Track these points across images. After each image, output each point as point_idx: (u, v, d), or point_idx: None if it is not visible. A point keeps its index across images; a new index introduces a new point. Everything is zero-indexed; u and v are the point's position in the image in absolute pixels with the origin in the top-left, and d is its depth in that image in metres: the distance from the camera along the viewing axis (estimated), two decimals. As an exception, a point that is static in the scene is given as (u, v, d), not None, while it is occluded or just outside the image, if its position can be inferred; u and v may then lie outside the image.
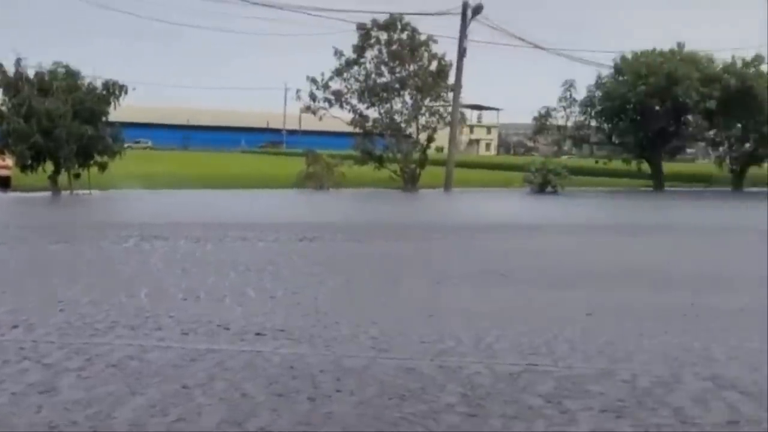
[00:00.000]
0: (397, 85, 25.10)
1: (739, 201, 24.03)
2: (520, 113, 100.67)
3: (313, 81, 25.03)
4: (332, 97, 25.17)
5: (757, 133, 27.36)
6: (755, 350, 4.29)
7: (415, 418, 3.08)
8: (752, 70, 27.05)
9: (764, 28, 51.56)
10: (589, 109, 29.16)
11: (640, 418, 3.12)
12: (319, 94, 25.08)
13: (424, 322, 4.95)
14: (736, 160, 29.68)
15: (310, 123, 42.08)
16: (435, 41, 25.27)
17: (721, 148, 30.23)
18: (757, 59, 27.26)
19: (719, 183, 30.10)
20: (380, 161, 25.00)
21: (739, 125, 27.67)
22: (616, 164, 29.51)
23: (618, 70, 28.19)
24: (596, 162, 30.58)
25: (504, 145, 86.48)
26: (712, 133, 29.16)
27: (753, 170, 30.64)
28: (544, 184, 24.39)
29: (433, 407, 3.22)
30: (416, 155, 25.19)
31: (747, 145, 29.09)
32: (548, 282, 6.84)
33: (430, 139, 25.43)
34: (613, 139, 29.26)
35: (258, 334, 4.48)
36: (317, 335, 4.48)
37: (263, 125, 78.22)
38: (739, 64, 27.14)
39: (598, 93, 28.60)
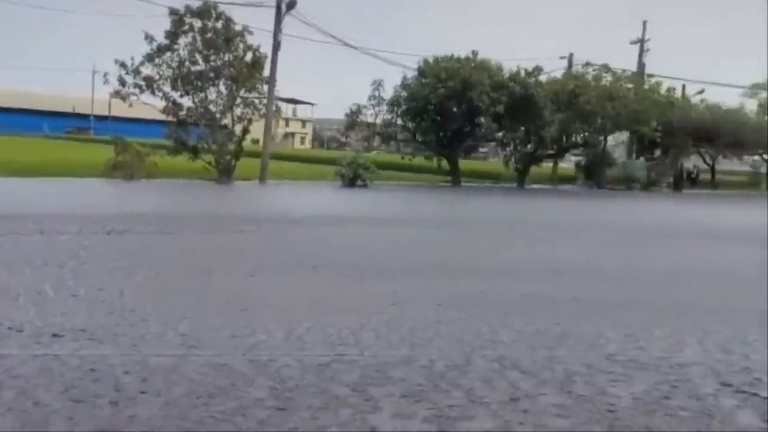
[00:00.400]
0: (211, 74, 24.30)
1: (522, 196, 26.21)
2: (333, 109, 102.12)
3: (123, 65, 23.51)
4: (143, 83, 23.81)
5: (537, 136, 29.93)
6: (534, 332, 4.65)
7: (224, 416, 2.97)
8: (533, 79, 29.55)
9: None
10: (395, 108, 30.27)
11: (435, 401, 3.26)
12: (129, 79, 23.63)
13: (236, 316, 4.82)
14: (520, 159, 32.34)
15: (120, 109, 39.48)
16: (250, 32, 24.82)
17: (508, 149, 32.75)
18: (537, 70, 29.85)
19: (506, 180, 32.62)
20: (194, 151, 24.09)
21: (523, 129, 30.08)
22: (420, 160, 30.92)
23: (421, 72, 29.49)
24: (402, 158, 31.87)
25: (318, 139, 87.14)
26: (500, 134, 31.46)
27: (534, 169, 33.60)
28: (354, 178, 24.92)
29: (242, 403, 3.13)
30: (231, 146, 24.58)
31: (529, 146, 31.78)
32: (357, 273, 6.96)
33: (245, 131, 24.93)
34: (417, 137, 30.62)
35: (55, 335, 4.08)
36: (122, 334, 4.19)
37: (69, 109, 72.15)
38: (522, 73, 29.51)
39: (404, 93, 29.78)
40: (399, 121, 31.20)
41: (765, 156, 47.32)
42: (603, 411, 3.19)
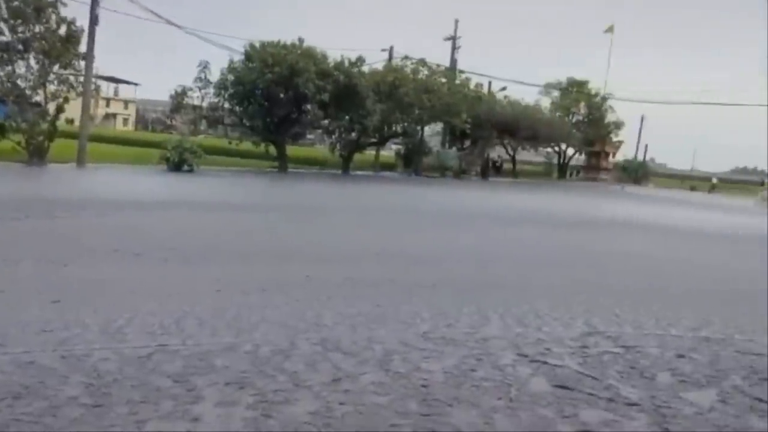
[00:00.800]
0: (20, 47, 21.78)
1: (346, 182, 26.63)
2: (158, 90, 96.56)
3: None
4: (-63, 54, 20.86)
5: (360, 124, 30.31)
6: (356, 314, 4.74)
7: (31, 417, 2.70)
8: (356, 69, 29.82)
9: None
10: (222, 91, 29.10)
11: (260, 387, 3.21)
12: None
13: (48, 309, 4.40)
14: (345, 147, 32.69)
15: None
16: (64, 4, 22.49)
17: (333, 136, 32.85)
18: (360, 61, 30.15)
19: (332, 166, 32.87)
20: (1, 131, 21.56)
21: (347, 117, 30.30)
22: (247, 146, 30.14)
23: (248, 57, 28.58)
24: (229, 143, 30.85)
25: (142, 122, 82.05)
26: (326, 122, 31.46)
27: (357, 156, 34.18)
28: (180, 162, 23.74)
29: (53, 402, 2.87)
30: (44, 126, 22.30)
31: (353, 134, 32.15)
32: (181, 259, 6.67)
33: (59, 110, 22.66)
34: (245, 121, 29.73)
35: None
36: None
37: None
38: (346, 63, 29.67)
39: (231, 77, 28.71)
40: (226, 105, 30.07)
41: (556, 148, 52.22)
42: (417, 386, 3.33)
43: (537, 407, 3.13)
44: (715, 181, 59.05)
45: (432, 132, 40.75)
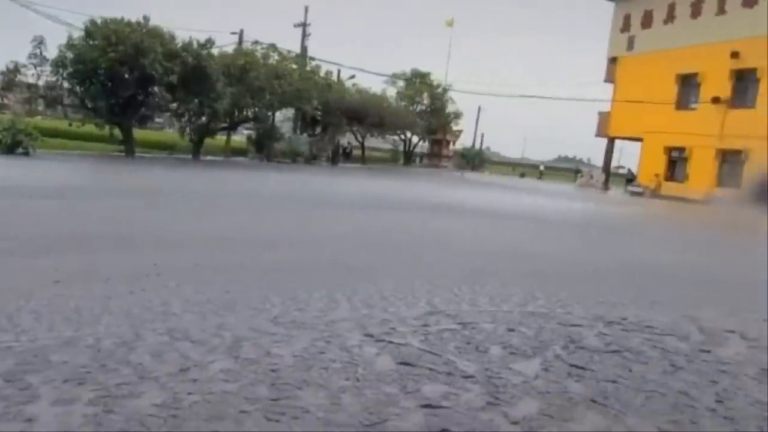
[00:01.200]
0: None
1: (195, 167, 25.65)
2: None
3: None
4: None
5: (210, 108, 29.22)
6: (205, 301, 4.59)
7: None
8: (205, 52, 28.64)
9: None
10: (60, 69, 26.73)
11: (101, 381, 3.01)
12: None
13: None
14: (195, 131, 31.37)
15: None
16: None
17: (182, 120, 31.38)
18: (209, 43, 29.00)
19: (182, 151, 31.48)
20: None
21: (197, 100, 29.05)
22: (90, 128, 28.00)
23: (89, 33, 26.46)
24: (70, 125, 28.46)
25: (-34, 98, 73.31)
26: (175, 105, 29.97)
27: (208, 141, 33.00)
28: (14, 144, 21.59)
29: None
30: None
31: (203, 118, 30.93)
32: (15, 250, 6.06)
33: None
34: (86, 102, 27.54)
35: None
36: None
37: None
38: (195, 45, 28.40)
39: (70, 54, 26.43)
40: (65, 85, 27.63)
41: (402, 136, 53.79)
42: (267, 371, 3.29)
43: (382, 385, 3.22)
44: (542, 168, 63.85)
45: (283, 118, 40.34)
